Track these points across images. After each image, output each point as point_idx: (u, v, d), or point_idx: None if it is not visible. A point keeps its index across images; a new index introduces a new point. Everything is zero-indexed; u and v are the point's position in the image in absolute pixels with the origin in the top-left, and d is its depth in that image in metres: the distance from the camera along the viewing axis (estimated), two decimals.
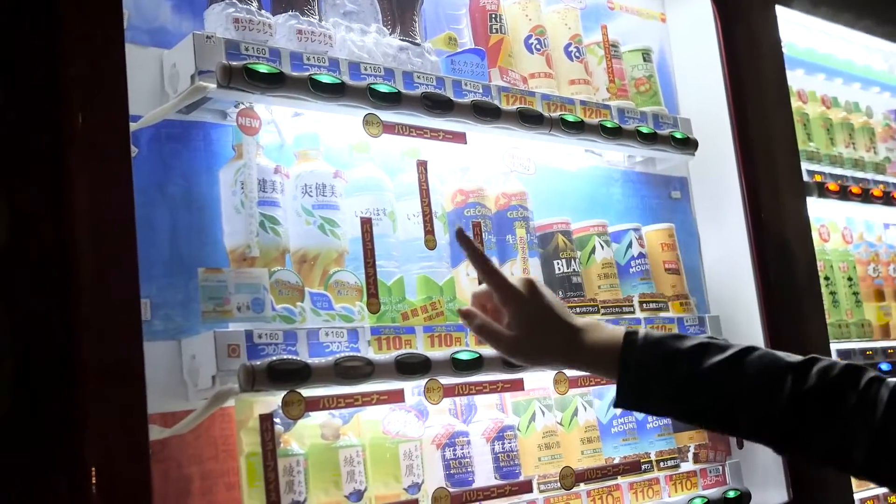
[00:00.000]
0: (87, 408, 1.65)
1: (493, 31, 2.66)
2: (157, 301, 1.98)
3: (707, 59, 3.14)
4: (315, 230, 2.17)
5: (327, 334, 2.02)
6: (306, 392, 1.94)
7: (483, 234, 2.39)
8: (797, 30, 3.76)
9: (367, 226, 2.14)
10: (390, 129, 2.23)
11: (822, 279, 3.36)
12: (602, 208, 2.98)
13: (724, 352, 1.59)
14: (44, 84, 1.76)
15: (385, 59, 2.31)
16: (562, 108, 2.61)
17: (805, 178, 3.32)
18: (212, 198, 2.12)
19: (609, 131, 2.67)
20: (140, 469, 1.66)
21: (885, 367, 3.37)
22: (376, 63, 2.24)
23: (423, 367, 2.10)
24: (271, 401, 1.96)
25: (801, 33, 3.83)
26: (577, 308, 2.53)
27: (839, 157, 3.71)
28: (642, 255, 2.85)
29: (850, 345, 3.40)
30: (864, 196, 3.59)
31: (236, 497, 2.00)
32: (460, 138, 2.40)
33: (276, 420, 1.94)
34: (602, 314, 2.59)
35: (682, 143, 2.90)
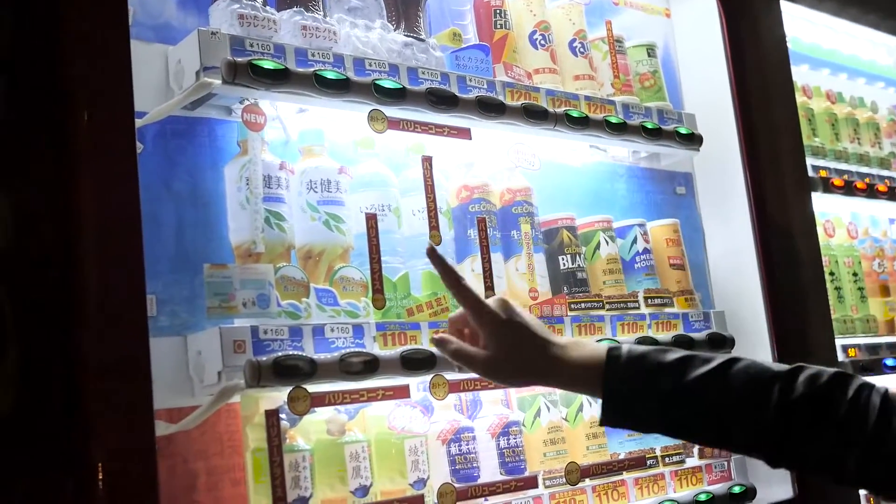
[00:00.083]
0: (93, 404, 1.64)
1: (498, 26, 2.66)
2: (163, 297, 1.99)
3: (711, 55, 3.13)
4: (320, 226, 2.17)
5: (332, 330, 2.02)
6: (312, 388, 1.94)
7: (488, 230, 2.39)
8: (802, 25, 3.75)
9: (372, 222, 2.14)
10: (395, 124, 2.23)
11: (827, 274, 3.35)
12: (607, 204, 2.98)
13: (708, 363, 1.56)
14: (49, 81, 1.75)
15: (390, 55, 2.31)
16: (566, 103, 2.60)
17: (810, 173, 3.31)
18: (217, 194, 2.13)
19: (614, 127, 2.67)
20: (146, 465, 1.66)
21: (890, 362, 3.35)
22: (381, 59, 2.24)
23: (429, 363, 2.10)
24: (277, 396, 1.96)
25: (806, 28, 3.82)
26: (583, 303, 2.53)
27: (844, 152, 3.70)
28: (647, 251, 2.85)
29: (855, 340, 3.39)
30: (870, 191, 3.58)
31: (242, 492, 2.00)
32: (465, 134, 2.40)
33: (282, 416, 1.94)
34: (607, 310, 2.59)
35: (687, 138, 2.90)
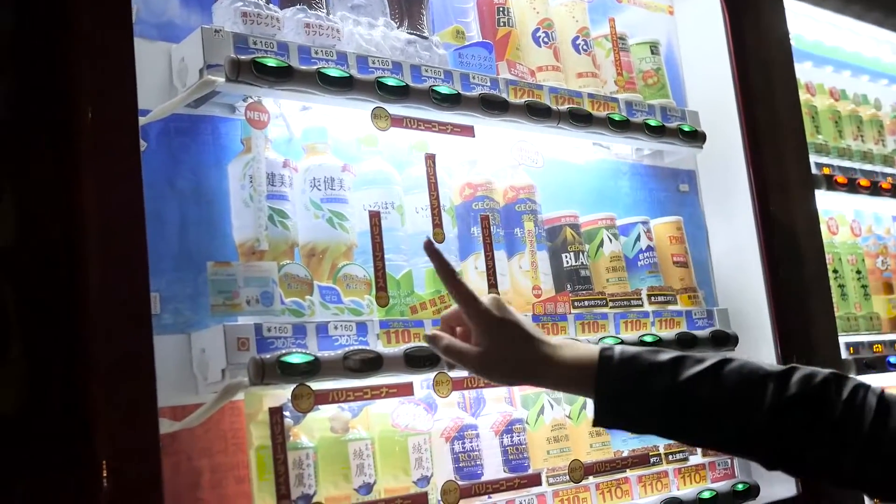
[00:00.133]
0: (97, 402, 1.64)
1: (501, 24, 2.65)
2: (167, 295, 1.99)
3: (715, 52, 3.13)
4: (324, 224, 2.17)
5: (336, 328, 2.02)
6: (315, 385, 1.94)
7: (491, 228, 2.39)
8: (805, 22, 3.75)
9: (375, 219, 2.14)
10: (398, 122, 2.23)
11: (830, 272, 3.35)
12: (610, 201, 2.97)
13: (701, 363, 1.55)
14: (52, 79, 1.76)
15: (393, 53, 2.31)
16: (570, 101, 2.60)
17: (813, 170, 3.31)
18: (221, 192, 2.13)
19: (617, 124, 2.67)
20: (150, 463, 1.67)
21: (894, 359, 3.35)
22: (384, 57, 2.24)
23: (432, 361, 2.09)
24: (281, 394, 1.96)
25: (810, 25, 3.82)
26: (586, 301, 2.53)
27: (848, 149, 3.70)
28: (650, 249, 2.85)
29: (858, 338, 3.38)
30: (873, 188, 3.58)
31: (246, 490, 2.01)
32: (468, 131, 2.39)
33: (286, 413, 1.94)
34: (610, 307, 2.59)
35: (691, 135, 2.89)
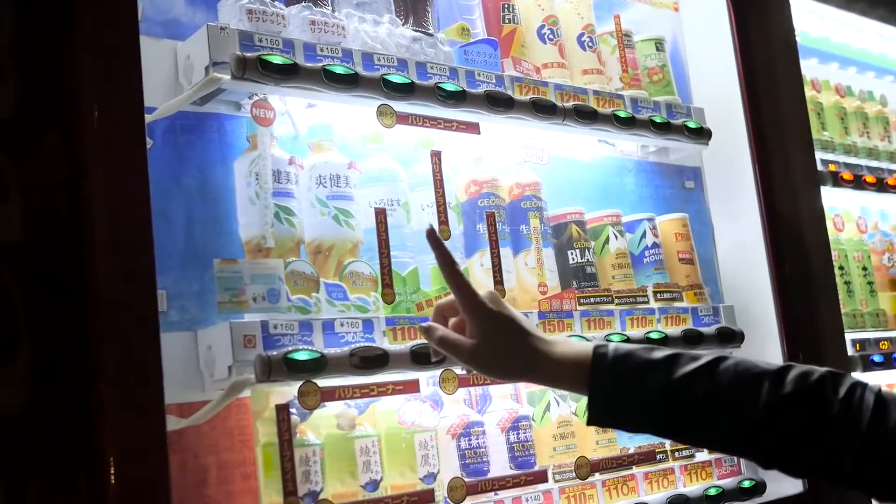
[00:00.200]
0: (104, 399, 1.64)
1: (506, 21, 2.65)
2: (173, 292, 1.99)
3: (720, 49, 3.13)
4: (330, 221, 2.17)
5: (342, 325, 2.02)
6: (322, 382, 1.94)
7: (497, 225, 2.39)
8: (811, 18, 3.74)
9: (381, 216, 2.14)
10: (404, 119, 2.23)
11: (836, 269, 3.34)
12: (616, 198, 2.97)
13: (696, 361, 1.54)
14: (58, 77, 1.76)
15: (398, 50, 2.31)
16: (575, 97, 2.60)
17: (819, 167, 3.30)
18: (227, 189, 2.13)
19: (622, 121, 2.67)
20: (158, 460, 1.67)
21: None
22: (389, 54, 2.24)
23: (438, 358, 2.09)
24: (287, 391, 1.96)
25: (815, 22, 3.81)
26: (592, 298, 2.53)
27: (853, 146, 3.69)
28: (656, 245, 2.85)
29: (864, 334, 3.38)
30: (879, 185, 3.57)
31: (253, 487, 2.01)
32: (474, 129, 2.39)
33: (293, 410, 1.94)
34: (616, 304, 2.59)
35: (696, 132, 2.89)
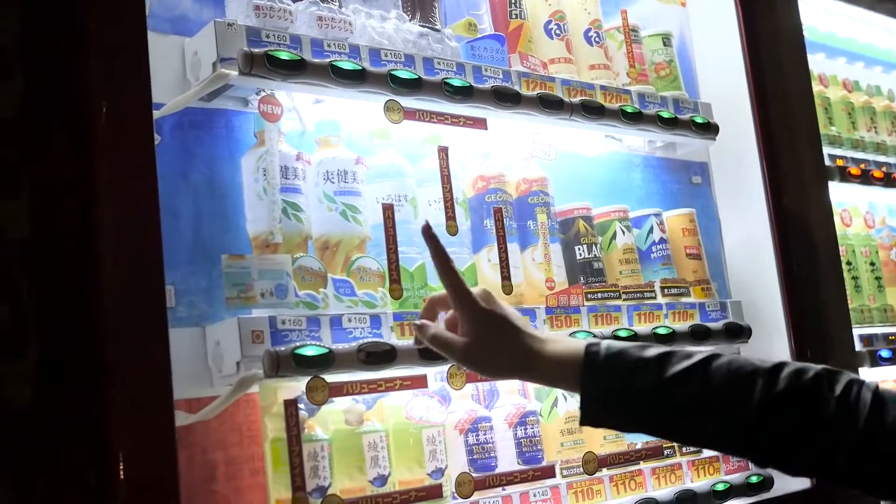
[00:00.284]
0: (113, 395, 1.65)
1: (513, 16, 2.65)
2: (182, 288, 1.99)
3: (727, 44, 3.12)
4: (337, 216, 2.18)
5: (350, 320, 2.03)
6: (330, 378, 1.94)
7: (504, 220, 2.39)
8: (818, 13, 3.73)
9: (388, 212, 2.14)
10: (411, 115, 2.23)
11: (844, 264, 3.33)
12: (623, 193, 2.97)
13: (688, 359, 1.53)
14: (66, 74, 1.76)
15: (405, 46, 2.30)
16: (582, 93, 2.60)
17: (827, 162, 3.29)
18: (234, 185, 2.13)
19: (629, 116, 2.66)
20: (166, 455, 1.67)
21: None
22: (396, 49, 2.24)
23: None
24: (295, 386, 1.96)
25: (822, 16, 3.80)
26: (599, 293, 2.53)
27: (861, 140, 3.68)
28: (663, 241, 2.84)
29: (872, 330, 3.37)
30: (887, 180, 3.56)
31: (261, 482, 2.01)
32: (481, 124, 2.39)
33: (301, 405, 1.95)
34: (623, 300, 2.58)
35: (703, 127, 2.88)
